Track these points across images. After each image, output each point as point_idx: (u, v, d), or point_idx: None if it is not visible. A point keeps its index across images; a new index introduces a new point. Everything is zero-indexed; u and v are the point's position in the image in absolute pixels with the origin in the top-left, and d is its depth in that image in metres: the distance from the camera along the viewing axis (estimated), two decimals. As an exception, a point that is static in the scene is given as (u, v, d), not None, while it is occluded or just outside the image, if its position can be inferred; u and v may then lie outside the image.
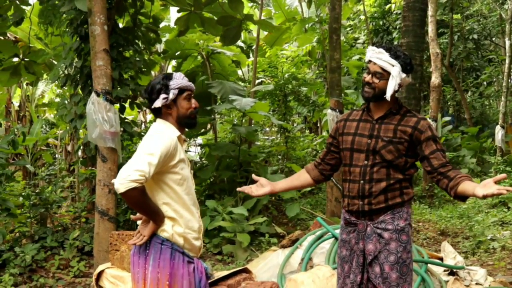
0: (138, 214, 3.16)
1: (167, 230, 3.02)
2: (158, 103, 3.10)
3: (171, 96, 3.11)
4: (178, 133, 3.12)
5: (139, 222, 3.16)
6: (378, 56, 3.20)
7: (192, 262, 3.15)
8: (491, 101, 24.96)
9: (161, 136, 2.99)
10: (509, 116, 16.90)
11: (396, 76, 3.17)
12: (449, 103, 21.33)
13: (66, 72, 8.02)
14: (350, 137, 3.36)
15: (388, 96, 3.18)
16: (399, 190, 3.26)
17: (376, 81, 3.22)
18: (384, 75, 3.20)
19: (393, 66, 3.17)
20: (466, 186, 2.98)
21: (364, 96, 3.29)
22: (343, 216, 3.45)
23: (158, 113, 3.18)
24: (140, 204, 2.90)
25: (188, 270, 3.10)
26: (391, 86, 3.18)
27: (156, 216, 3.00)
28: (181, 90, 3.15)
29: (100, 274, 5.23)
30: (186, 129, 3.30)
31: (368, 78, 3.25)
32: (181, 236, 3.06)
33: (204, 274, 3.24)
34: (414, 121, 3.25)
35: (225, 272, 4.64)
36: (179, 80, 3.15)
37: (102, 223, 6.43)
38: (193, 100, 3.21)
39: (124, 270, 5.07)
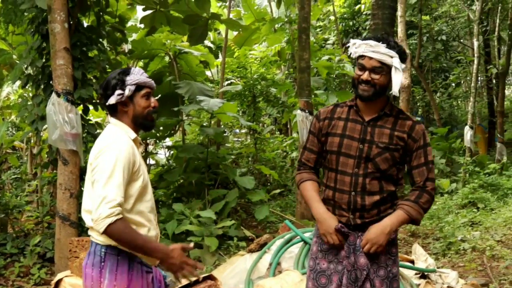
0: None
1: None
2: (112, 100, 2.85)
3: (127, 92, 2.86)
4: (134, 135, 2.90)
5: None
6: (374, 50, 2.89)
7: (151, 271, 2.95)
8: (459, 102, 25.25)
9: (116, 146, 2.75)
10: (477, 117, 17.06)
11: (400, 68, 2.87)
12: (418, 104, 21.44)
13: (27, 72, 7.78)
14: (337, 139, 3.04)
15: (396, 91, 2.87)
16: (390, 202, 3.05)
17: (376, 77, 2.91)
18: (384, 68, 2.89)
19: (392, 57, 2.88)
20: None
21: (363, 96, 2.96)
22: None
23: (113, 111, 2.94)
24: (128, 237, 2.67)
25: (147, 280, 2.90)
26: (398, 80, 2.88)
27: (149, 248, 2.78)
28: (139, 87, 2.90)
29: (58, 282, 5.02)
30: (142, 131, 3.07)
31: (365, 75, 2.92)
32: None
33: (162, 283, 3.06)
34: (409, 125, 2.99)
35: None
36: (137, 75, 2.90)
37: (63, 228, 6.22)
38: (152, 99, 2.96)
39: (84, 278, 4.87)
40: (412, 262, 5.80)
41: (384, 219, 2.94)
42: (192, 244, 3.02)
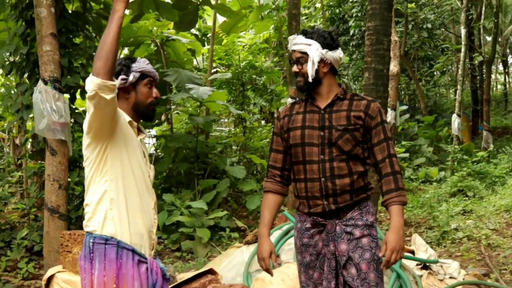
0: None
1: (110, 226, 2.69)
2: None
3: (131, 78, 2.83)
4: (128, 118, 2.83)
5: None
6: (294, 42, 3.05)
7: (144, 262, 2.79)
8: (442, 90, 25.29)
9: None
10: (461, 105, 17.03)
11: (313, 54, 2.98)
12: (403, 92, 21.41)
13: (11, 59, 7.52)
14: (299, 131, 3.08)
15: (309, 77, 2.99)
16: (363, 185, 3.05)
17: (301, 67, 3.04)
18: (305, 57, 3.03)
19: (309, 45, 3.00)
20: (390, 214, 2.99)
21: (298, 87, 3.12)
22: (302, 219, 3.13)
23: None
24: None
25: (139, 271, 2.74)
26: (309, 65, 2.99)
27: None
28: (143, 75, 2.89)
29: (50, 278, 4.81)
30: (142, 120, 2.99)
31: (294, 67, 3.07)
32: (127, 232, 2.74)
33: (159, 276, 2.87)
34: (364, 104, 3.04)
35: (189, 275, 4.29)
36: (142, 64, 2.90)
37: (52, 221, 5.98)
38: (154, 90, 2.94)
39: (77, 274, 4.64)
40: (412, 252, 5.67)
41: (391, 224, 2.95)
42: None
